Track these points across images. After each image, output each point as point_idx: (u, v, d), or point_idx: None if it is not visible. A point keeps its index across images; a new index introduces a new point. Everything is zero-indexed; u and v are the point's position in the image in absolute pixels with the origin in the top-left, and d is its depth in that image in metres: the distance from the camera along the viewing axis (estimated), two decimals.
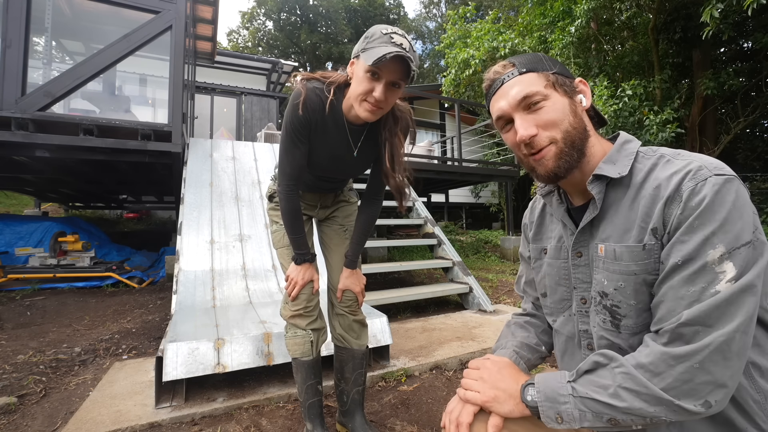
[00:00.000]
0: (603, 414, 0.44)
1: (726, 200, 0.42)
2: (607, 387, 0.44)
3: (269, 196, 1.18)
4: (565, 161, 0.52)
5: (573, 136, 0.52)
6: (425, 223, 3.33)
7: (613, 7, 5.16)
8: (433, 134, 9.15)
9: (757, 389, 0.44)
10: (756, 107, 5.35)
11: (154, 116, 3.75)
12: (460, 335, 2.07)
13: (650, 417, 0.42)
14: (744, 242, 0.41)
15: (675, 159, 0.48)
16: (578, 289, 0.57)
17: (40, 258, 3.34)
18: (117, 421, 1.22)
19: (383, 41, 0.80)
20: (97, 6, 2.91)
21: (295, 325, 1.09)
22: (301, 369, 1.09)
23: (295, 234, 1.04)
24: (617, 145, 0.54)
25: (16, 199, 6.72)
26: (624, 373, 0.43)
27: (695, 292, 0.42)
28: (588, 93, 0.55)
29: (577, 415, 0.45)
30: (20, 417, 1.29)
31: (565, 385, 0.47)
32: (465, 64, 6.53)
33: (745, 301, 0.41)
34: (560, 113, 0.52)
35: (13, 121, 2.36)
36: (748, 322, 0.41)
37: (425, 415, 1.33)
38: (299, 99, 0.89)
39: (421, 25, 21.23)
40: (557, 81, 0.53)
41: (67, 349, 1.92)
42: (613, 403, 0.43)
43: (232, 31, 19.18)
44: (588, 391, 0.45)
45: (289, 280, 1.08)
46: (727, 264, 0.41)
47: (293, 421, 1.27)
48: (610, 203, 0.52)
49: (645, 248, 0.47)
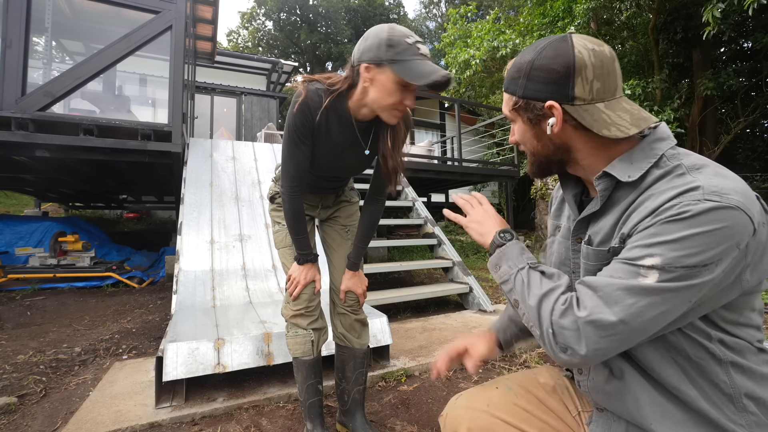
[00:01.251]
0: (514, 294, 0.53)
1: (699, 224, 0.41)
2: (537, 287, 0.51)
3: (270, 198, 1.18)
4: (540, 171, 0.58)
5: (542, 156, 0.56)
6: (425, 223, 3.33)
7: (613, 6, 5.16)
8: (433, 134, 9.15)
9: (732, 385, 0.46)
10: (756, 107, 5.35)
11: (154, 116, 3.76)
12: (460, 335, 2.07)
13: (533, 325, 0.50)
14: (685, 265, 0.41)
15: (688, 173, 0.45)
16: (576, 273, 0.59)
17: (40, 258, 3.35)
18: (117, 421, 1.22)
19: (413, 53, 0.81)
20: (97, 6, 2.91)
21: (296, 324, 1.09)
22: (301, 368, 1.09)
23: (298, 234, 1.05)
24: (646, 142, 0.50)
25: (16, 199, 6.72)
26: (551, 292, 0.49)
27: (612, 277, 0.46)
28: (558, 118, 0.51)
29: (506, 278, 0.55)
30: (20, 417, 1.30)
31: (524, 262, 0.55)
32: (465, 65, 6.53)
33: (639, 298, 0.42)
34: (521, 137, 0.56)
35: (13, 121, 2.36)
36: (633, 318, 0.43)
37: (425, 415, 1.33)
38: (300, 100, 0.90)
39: (421, 25, 21.22)
40: (521, 106, 0.54)
41: (67, 349, 1.92)
42: (528, 298, 0.51)
43: (232, 31, 19.18)
44: (530, 278, 0.52)
45: (291, 280, 1.08)
46: (653, 273, 0.42)
47: (293, 421, 1.27)
48: (613, 202, 0.51)
49: (610, 251, 0.49)
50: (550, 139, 0.53)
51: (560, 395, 0.62)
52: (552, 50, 0.50)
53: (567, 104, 0.50)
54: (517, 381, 0.64)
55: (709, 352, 0.46)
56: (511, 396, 0.60)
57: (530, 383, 0.63)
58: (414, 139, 8.62)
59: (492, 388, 0.62)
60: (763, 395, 0.46)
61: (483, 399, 0.59)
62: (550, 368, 0.68)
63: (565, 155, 0.54)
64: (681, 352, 0.47)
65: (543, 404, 0.60)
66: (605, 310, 0.43)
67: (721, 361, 0.46)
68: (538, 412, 0.58)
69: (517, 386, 0.62)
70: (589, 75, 0.49)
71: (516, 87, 0.54)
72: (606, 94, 0.50)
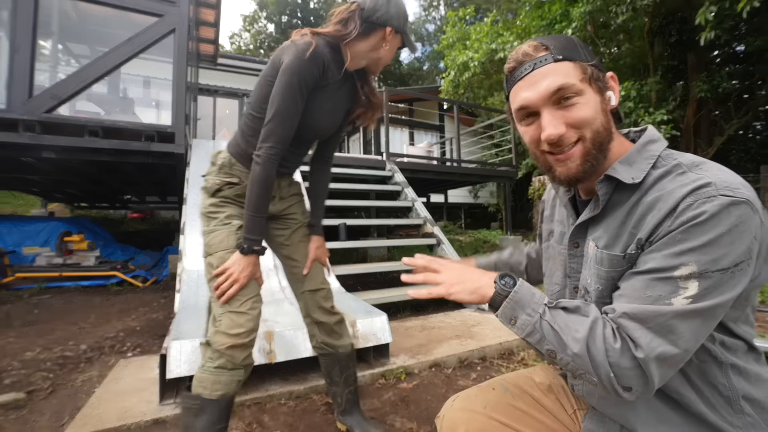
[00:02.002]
0: (550, 344, 0.45)
1: (721, 223, 0.39)
2: (574, 330, 0.44)
3: (216, 190, 0.94)
4: (590, 164, 0.49)
5: (602, 137, 0.48)
6: (425, 222, 3.36)
7: (610, 10, 5.19)
8: (433, 135, 9.17)
9: (730, 387, 0.46)
10: (749, 109, 5.38)
11: (158, 118, 3.79)
12: (459, 333, 2.09)
13: (584, 372, 0.44)
14: (720, 268, 0.39)
15: (690, 171, 0.44)
16: (572, 278, 0.57)
17: (47, 257, 3.38)
18: (122, 417, 1.24)
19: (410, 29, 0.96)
20: (103, 10, 2.95)
21: (230, 357, 0.82)
22: (211, 409, 0.81)
23: (260, 213, 0.86)
24: (639, 145, 0.49)
25: (23, 200, 6.77)
26: (596, 332, 0.44)
27: (650, 297, 0.42)
28: (617, 90, 0.51)
29: (530, 330, 0.46)
30: (28, 412, 1.32)
31: (540, 304, 0.47)
32: (464, 67, 6.57)
33: (692, 321, 0.40)
34: (593, 112, 0.47)
35: (20, 122, 2.40)
36: (692, 343, 0.41)
37: (424, 412, 1.35)
38: (312, 48, 0.82)
39: (420, 28, 21.27)
40: (593, 75, 0.48)
41: (73, 347, 1.96)
42: (569, 344, 0.44)
43: (234, 33, 19.29)
44: (557, 320, 0.46)
45: (226, 275, 0.83)
46: (692, 282, 0.40)
47: (294, 417, 1.30)
48: (613, 204, 0.50)
49: (625, 257, 0.46)
50: (609, 116, 0.49)
51: (556, 394, 0.61)
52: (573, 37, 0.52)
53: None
54: (513, 381, 0.63)
55: (711, 354, 0.46)
56: (507, 397, 0.59)
57: (526, 383, 0.63)
58: (413, 140, 8.65)
59: (488, 389, 0.62)
60: (759, 396, 0.46)
61: (480, 401, 0.58)
62: (546, 367, 0.68)
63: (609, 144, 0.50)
64: None
65: (539, 404, 0.60)
66: (663, 343, 0.41)
67: (721, 364, 0.46)
68: (535, 413, 0.58)
69: (514, 387, 0.62)
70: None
71: (582, 54, 0.48)
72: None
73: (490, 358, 1.86)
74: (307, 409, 1.36)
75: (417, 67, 19.78)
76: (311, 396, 1.44)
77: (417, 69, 19.56)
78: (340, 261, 3.47)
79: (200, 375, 0.83)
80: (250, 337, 0.85)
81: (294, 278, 1.09)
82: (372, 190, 3.82)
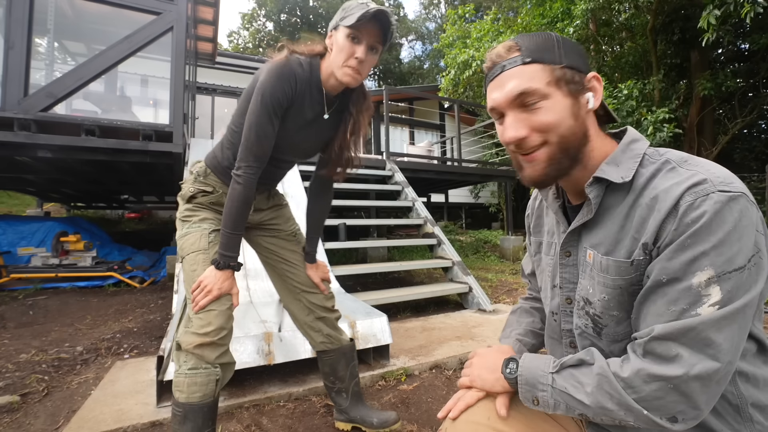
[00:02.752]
0: (575, 408, 0.46)
1: (726, 220, 0.39)
2: (585, 385, 0.45)
3: (191, 196, 0.98)
4: (554, 168, 0.49)
5: (568, 142, 0.48)
6: (425, 223, 3.34)
7: (612, 8, 5.18)
8: (433, 135, 9.16)
9: (738, 395, 0.44)
10: (753, 108, 5.38)
11: (156, 117, 3.77)
12: (460, 334, 2.08)
13: (619, 420, 0.43)
14: (737, 267, 0.38)
15: (680, 167, 0.44)
16: (564, 289, 0.56)
17: (43, 258, 3.36)
18: (119, 420, 1.23)
19: (361, 8, 0.83)
20: (99, 7, 2.92)
21: (200, 357, 0.82)
22: (194, 416, 0.81)
23: (237, 230, 0.87)
24: (623, 145, 0.49)
25: (18, 200, 6.74)
26: (602, 376, 0.44)
27: (675, 312, 0.40)
28: (599, 91, 0.49)
29: (552, 403, 0.47)
30: (23, 415, 1.30)
31: (546, 374, 0.48)
32: (465, 65, 6.55)
33: (727, 328, 0.39)
34: (558, 116, 0.47)
35: (15, 121, 2.38)
36: (733, 352, 0.39)
37: (425, 414, 1.34)
38: (284, 68, 0.84)
39: (420, 27, 21.27)
40: (564, 77, 0.47)
41: (69, 348, 1.94)
42: (587, 402, 0.44)
43: (233, 32, 19.22)
44: (567, 385, 0.46)
45: (200, 287, 0.84)
46: (713, 288, 0.38)
47: (293, 420, 1.29)
48: (607, 207, 0.49)
49: (633, 264, 0.45)
50: (584, 120, 0.48)
51: None
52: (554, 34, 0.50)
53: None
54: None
55: None
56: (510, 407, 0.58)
57: None
58: (414, 139, 8.64)
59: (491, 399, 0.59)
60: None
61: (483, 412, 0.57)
62: None
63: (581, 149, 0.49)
64: None
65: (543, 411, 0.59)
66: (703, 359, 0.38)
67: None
68: (539, 421, 0.57)
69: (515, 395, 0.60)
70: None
71: (555, 55, 0.47)
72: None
73: None
74: (307, 411, 1.34)
75: (417, 65, 19.77)
76: (310, 398, 1.43)
77: (417, 68, 19.55)
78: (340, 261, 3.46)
79: (176, 379, 0.83)
80: (219, 336, 0.85)
81: (288, 281, 1.10)
82: (372, 189, 3.81)
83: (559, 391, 0.47)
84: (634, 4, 4.90)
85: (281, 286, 1.12)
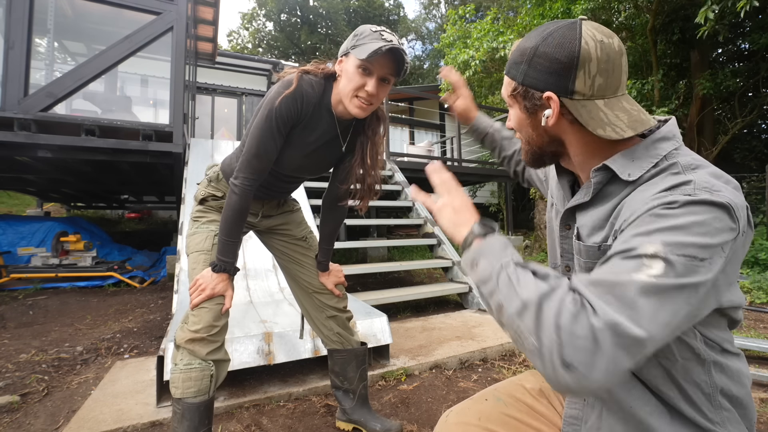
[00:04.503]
0: (501, 294, 0.43)
1: (694, 213, 0.39)
2: (532, 286, 0.41)
3: (202, 199, 1.02)
4: (533, 160, 0.57)
5: (532, 147, 0.55)
6: (425, 223, 3.34)
7: (611, 7, 5.18)
8: (433, 135, 9.16)
9: (711, 384, 0.46)
10: (753, 108, 5.37)
11: (156, 117, 3.77)
12: (460, 334, 2.08)
13: (526, 334, 0.39)
14: (687, 254, 0.37)
15: (684, 172, 0.44)
16: (564, 258, 0.58)
17: (43, 258, 3.36)
18: (119, 420, 1.23)
19: (374, 38, 0.81)
20: (99, 7, 2.93)
21: (192, 352, 0.85)
22: (190, 414, 0.83)
23: (231, 237, 0.90)
24: (649, 141, 0.48)
25: (18, 199, 6.74)
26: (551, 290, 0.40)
27: (613, 272, 0.39)
28: (554, 110, 0.49)
29: (486, 276, 0.45)
30: (23, 415, 1.31)
31: (509, 257, 0.45)
32: (465, 65, 6.54)
33: (655, 298, 0.36)
34: (517, 125, 0.56)
35: (15, 121, 2.38)
36: (658, 328, 0.36)
37: (425, 414, 1.34)
38: (293, 87, 0.85)
39: (420, 26, 21.27)
40: (519, 93, 0.52)
41: (69, 348, 1.94)
42: (521, 295, 0.41)
43: (233, 32, 19.21)
44: (519, 276, 0.43)
45: (195, 286, 0.88)
46: (657, 262, 0.37)
47: (293, 420, 1.29)
48: (604, 195, 0.50)
49: (600, 249, 0.48)
50: (545, 131, 0.53)
51: (547, 397, 0.62)
52: (558, 37, 0.48)
53: (565, 97, 0.48)
54: (505, 390, 0.64)
55: (695, 352, 0.46)
56: (501, 406, 0.60)
57: (517, 391, 0.63)
58: (414, 139, 8.64)
59: (482, 400, 0.62)
60: (738, 393, 0.46)
61: (474, 412, 0.59)
62: (535, 372, 0.68)
63: (559, 147, 0.54)
64: (668, 353, 0.46)
65: (532, 410, 0.60)
66: (620, 314, 0.36)
67: (704, 361, 0.46)
68: (529, 420, 0.58)
69: (506, 396, 0.62)
70: (593, 69, 0.46)
71: (517, 72, 0.52)
72: (607, 91, 0.48)
73: (491, 359, 1.85)
74: (307, 410, 1.34)
75: (417, 65, 19.78)
76: (310, 398, 1.43)
77: (417, 68, 19.55)
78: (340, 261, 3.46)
79: (172, 375, 0.86)
80: (209, 332, 0.87)
81: (300, 281, 1.14)
82: None
83: (504, 274, 0.43)
84: (634, 4, 4.89)
85: (294, 285, 1.17)
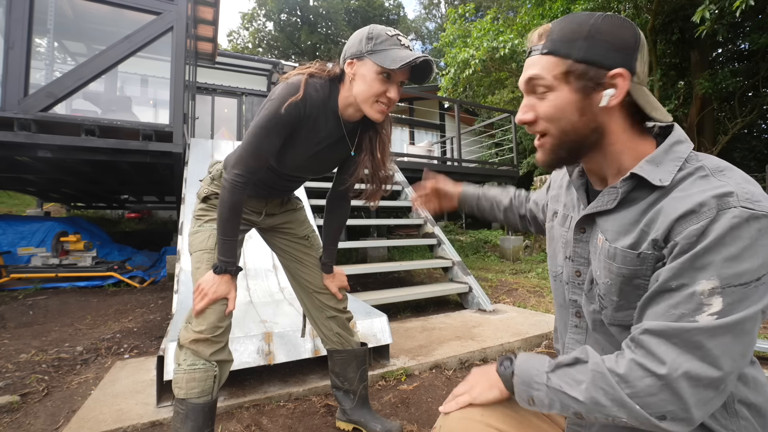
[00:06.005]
0: (570, 406, 0.46)
1: (741, 236, 0.39)
2: (580, 382, 0.45)
3: (205, 197, 1.02)
4: (554, 158, 0.52)
5: (569, 137, 0.49)
6: (425, 222, 3.34)
7: (611, 7, 5.17)
8: (433, 134, 9.16)
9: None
10: (753, 108, 5.38)
11: (156, 117, 3.77)
12: (460, 334, 2.08)
13: (612, 416, 0.43)
14: (743, 282, 0.39)
15: (713, 176, 0.43)
16: (575, 262, 0.57)
17: (42, 258, 3.36)
18: (119, 420, 1.23)
19: (393, 43, 0.80)
20: (99, 7, 2.92)
21: (196, 352, 0.84)
22: (194, 415, 0.83)
23: (227, 236, 0.87)
24: (666, 145, 0.48)
25: (18, 200, 6.75)
26: (596, 372, 0.44)
27: (674, 315, 0.41)
28: (622, 89, 0.46)
29: (547, 402, 0.47)
30: (23, 415, 1.31)
31: (541, 373, 0.48)
32: (465, 64, 6.54)
33: (721, 337, 0.39)
34: (559, 111, 0.48)
35: (15, 121, 2.38)
36: (729, 362, 0.39)
37: (425, 414, 1.34)
38: (298, 92, 0.83)
39: (420, 26, 21.27)
40: (576, 72, 0.46)
41: (69, 348, 1.94)
42: (581, 398, 0.44)
43: (233, 31, 19.22)
44: (561, 383, 0.46)
45: (198, 290, 0.87)
46: (716, 298, 0.39)
47: (294, 420, 1.29)
48: (629, 200, 0.49)
49: (640, 256, 0.46)
50: (595, 116, 0.48)
51: None
52: (615, 18, 0.47)
53: (633, 76, 0.46)
54: None
55: None
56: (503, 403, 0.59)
57: None
58: (414, 139, 8.63)
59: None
60: (756, 401, 0.46)
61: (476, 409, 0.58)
62: None
63: (599, 139, 0.49)
64: None
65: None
66: (691, 359, 0.39)
67: None
68: (531, 417, 0.58)
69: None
70: (645, 55, 0.46)
71: (572, 49, 0.46)
72: (645, 80, 0.48)
73: (491, 359, 1.85)
74: (307, 411, 1.34)
75: None
76: (310, 398, 1.43)
77: None
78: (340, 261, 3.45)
79: (175, 376, 0.86)
80: (214, 333, 0.87)
81: (301, 280, 1.14)
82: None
83: (554, 389, 0.47)
84: (634, 4, 4.89)
85: (295, 284, 1.16)
